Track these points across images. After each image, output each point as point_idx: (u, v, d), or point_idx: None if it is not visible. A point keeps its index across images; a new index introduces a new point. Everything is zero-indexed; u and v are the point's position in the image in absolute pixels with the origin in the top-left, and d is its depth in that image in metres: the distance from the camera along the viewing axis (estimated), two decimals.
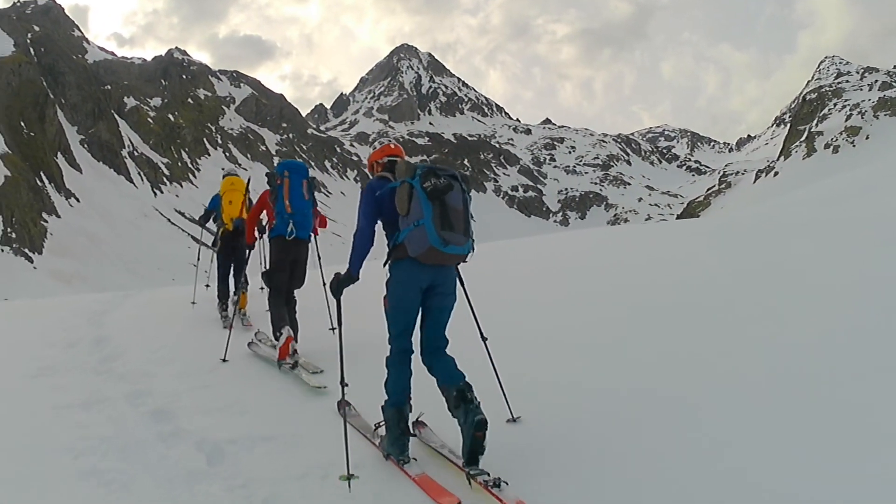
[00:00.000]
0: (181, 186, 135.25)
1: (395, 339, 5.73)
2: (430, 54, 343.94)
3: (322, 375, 7.85)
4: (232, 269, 12.39)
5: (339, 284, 5.83)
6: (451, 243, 5.37)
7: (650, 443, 5.24)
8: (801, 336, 7.06)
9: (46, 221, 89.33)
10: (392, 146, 6.59)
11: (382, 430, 5.77)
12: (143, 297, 15.76)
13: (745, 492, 4.38)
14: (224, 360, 8.71)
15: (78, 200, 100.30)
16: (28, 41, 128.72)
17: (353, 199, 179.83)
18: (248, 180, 12.71)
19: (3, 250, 79.62)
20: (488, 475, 4.88)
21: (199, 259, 15.51)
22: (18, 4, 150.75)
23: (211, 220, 13.21)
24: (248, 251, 10.59)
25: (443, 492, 4.89)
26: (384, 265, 5.90)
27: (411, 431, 5.65)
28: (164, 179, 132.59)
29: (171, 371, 8.22)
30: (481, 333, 6.30)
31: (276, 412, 6.80)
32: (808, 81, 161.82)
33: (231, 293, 12.04)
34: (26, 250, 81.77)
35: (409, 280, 5.63)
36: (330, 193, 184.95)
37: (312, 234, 9.74)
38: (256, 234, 10.30)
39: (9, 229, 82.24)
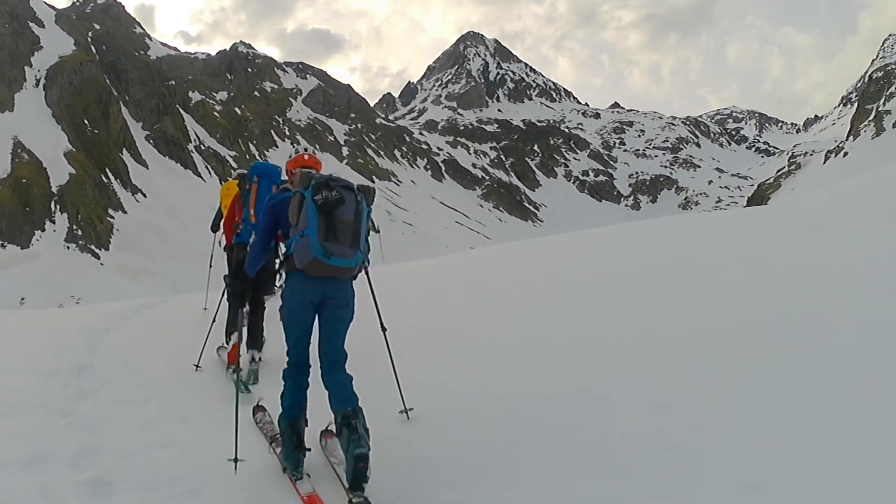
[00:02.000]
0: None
1: (290, 352, 5.78)
2: (496, 41, 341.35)
3: (255, 386, 8.24)
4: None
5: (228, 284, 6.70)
6: (335, 255, 5.38)
7: None
8: None
9: (113, 218, 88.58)
10: (306, 157, 6.48)
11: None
12: (158, 309, 15.00)
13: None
14: (197, 367, 8.88)
15: (144, 196, 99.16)
16: (89, 40, 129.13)
17: (423, 187, 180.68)
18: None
19: (69, 248, 79.14)
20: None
21: (210, 266, 14.24)
22: (78, 4, 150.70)
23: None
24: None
25: None
26: (277, 273, 6.30)
27: (306, 446, 5.61)
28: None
29: (138, 418, 7.47)
30: (381, 325, 6.53)
31: (233, 497, 5.62)
32: (873, 60, 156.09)
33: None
34: (92, 247, 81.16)
35: (299, 293, 5.64)
36: (400, 182, 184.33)
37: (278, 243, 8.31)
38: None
39: (74, 226, 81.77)
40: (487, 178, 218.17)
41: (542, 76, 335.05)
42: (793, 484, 4.40)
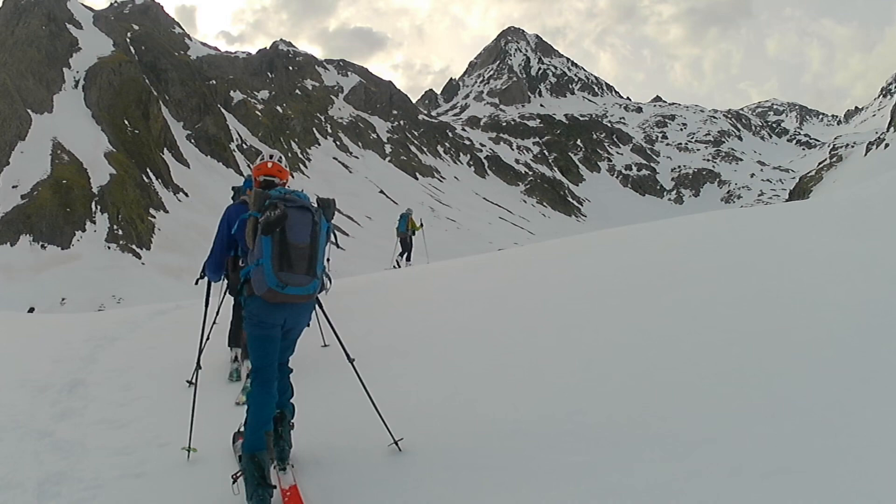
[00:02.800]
0: (292, 177, 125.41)
1: (255, 372, 5.70)
2: (537, 36, 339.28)
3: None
4: None
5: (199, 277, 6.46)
6: (291, 285, 5.34)
7: None
8: None
9: (154, 217, 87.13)
10: (269, 165, 6.29)
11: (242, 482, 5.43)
12: (172, 315, 15.04)
13: None
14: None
15: (186, 195, 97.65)
16: (128, 40, 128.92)
17: (466, 183, 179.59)
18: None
19: (109, 248, 77.60)
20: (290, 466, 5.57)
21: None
22: (115, 5, 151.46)
23: None
24: None
25: None
26: (237, 293, 6.39)
27: (269, 482, 5.27)
28: None
29: (115, 442, 7.06)
30: (347, 356, 6.38)
31: None
32: None
33: None
34: (134, 247, 79.45)
35: (263, 319, 5.60)
36: (444, 179, 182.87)
37: None
38: None
39: (115, 226, 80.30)
40: (531, 173, 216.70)
41: (584, 70, 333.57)
42: None
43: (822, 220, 13.44)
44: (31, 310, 49.01)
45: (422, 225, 29.56)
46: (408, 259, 28.36)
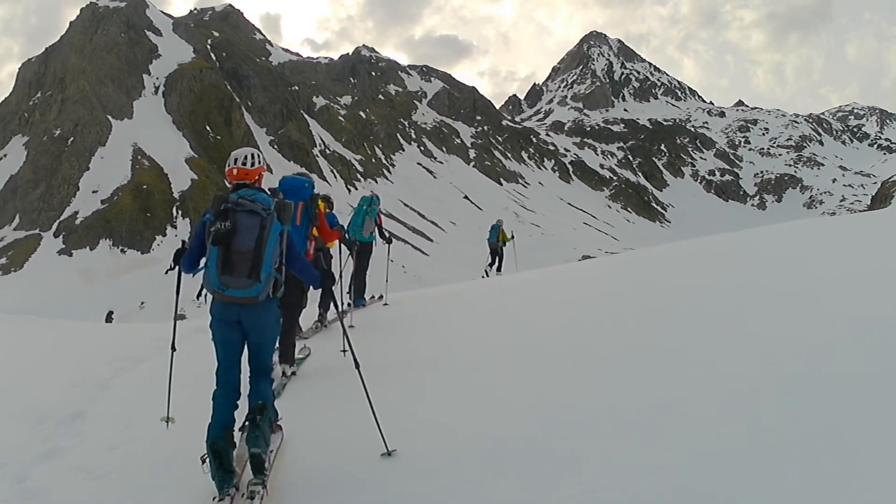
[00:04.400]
0: (376, 182, 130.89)
1: (217, 373, 5.94)
2: (619, 40, 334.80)
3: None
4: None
5: (172, 260, 6.25)
6: (231, 287, 5.55)
7: None
8: None
9: None
10: (234, 171, 6.16)
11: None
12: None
13: None
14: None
15: None
16: (208, 47, 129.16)
17: (550, 189, 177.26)
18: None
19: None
20: (261, 486, 5.39)
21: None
22: (195, 12, 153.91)
23: None
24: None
25: None
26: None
27: (231, 468, 5.61)
28: (359, 176, 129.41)
29: (84, 497, 6.46)
30: (355, 360, 6.62)
31: None
32: None
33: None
34: None
35: (218, 317, 5.85)
36: (528, 184, 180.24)
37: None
38: None
39: None
40: (615, 178, 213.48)
41: (667, 74, 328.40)
42: None
43: None
44: (111, 313, 47.70)
45: (513, 237, 29.97)
46: (498, 269, 28.46)
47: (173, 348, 6.56)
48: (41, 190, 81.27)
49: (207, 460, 5.57)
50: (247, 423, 5.69)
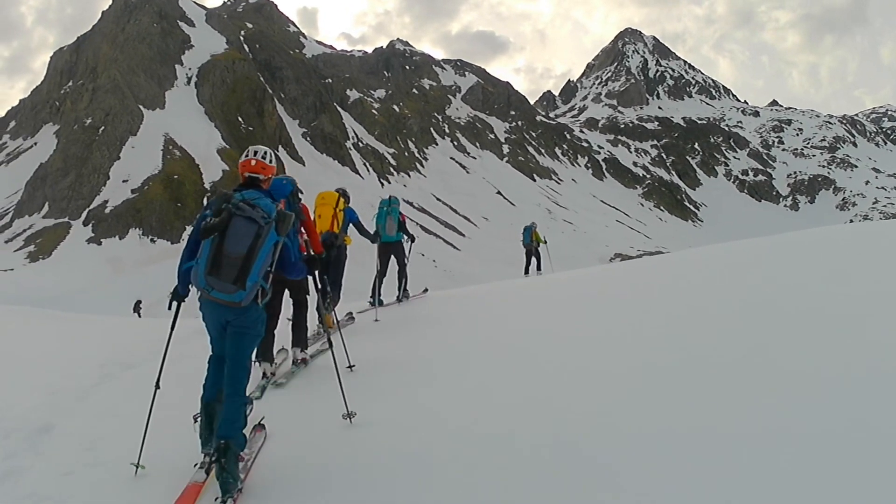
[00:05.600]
0: (409, 176, 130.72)
1: (211, 343, 6.05)
2: (654, 38, 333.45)
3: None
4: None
5: (170, 300, 6.16)
6: (216, 289, 5.54)
7: None
8: None
9: None
10: (252, 163, 6.18)
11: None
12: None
13: None
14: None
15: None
16: (241, 38, 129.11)
17: (583, 185, 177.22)
18: (340, 196, 12.79)
19: None
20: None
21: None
22: (229, 3, 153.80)
23: None
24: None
25: None
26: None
27: (212, 427, 5.79)
28: (391, 169, 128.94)
29: None
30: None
31: None
32: None
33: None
34: None
35: (204, 311, 5.91)
36: (561, 181, 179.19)
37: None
38: None
39: None
40: (648, 176, 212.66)
41: (702, 73, 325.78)
42: None
43: None
44: (139, 302, 47.88)
45: (545, 241, 30.47)
46: (538, 268, 29.13)
47: (157, 385, 6.29)
48: (71, 178, 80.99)
49: (199, 419, 5.87)
50: (213, 462, 5.50)
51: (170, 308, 6.16)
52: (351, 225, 13.00)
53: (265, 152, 6.19)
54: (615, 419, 6.07)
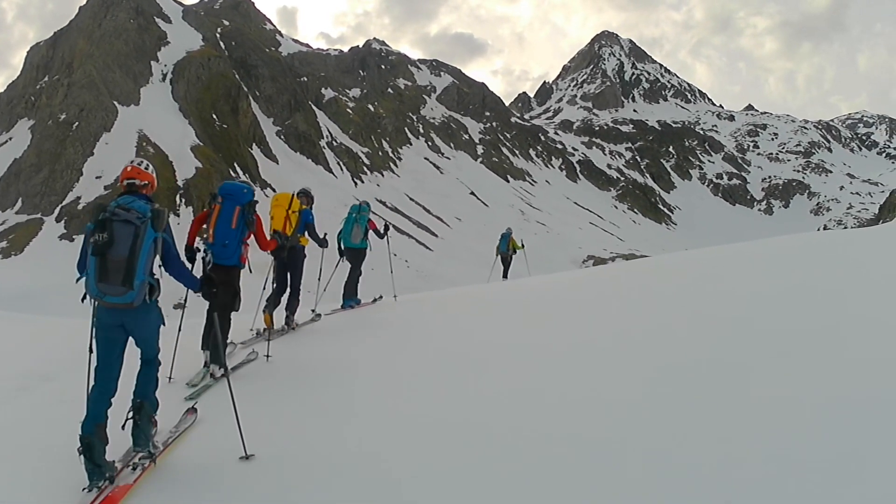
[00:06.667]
0: (382, 176, 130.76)
1: (96, 370, 6.13)
2: (630, 41, 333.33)
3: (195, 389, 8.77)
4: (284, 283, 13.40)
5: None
6: (108, 294, 5.87)
7: None
8: None
9: None
10: (129, 168, 6.55)
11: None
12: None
13: None
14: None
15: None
16: (217, 35, 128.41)
17: (557, 187, 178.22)
18: (296, 198, 13.25)
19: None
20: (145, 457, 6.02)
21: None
22: (206, 0, 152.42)
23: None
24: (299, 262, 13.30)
25: None
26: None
27: (101, 462, 5.74)
28: (365, 169, 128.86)
29: None
30: (225, 366, 7.59)
31: None
32: None
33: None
34: None
35: (102, 320, 6.10)
36: (535, 182, 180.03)
37: (241, 261, 10.03)
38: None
39: None
40: (622, 179, 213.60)
41: (677, 77, 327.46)
42: None
43: None
44: None
45: (523, 245, 30.63)
46: (504, 276, 29.00)
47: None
48: (44, 174, 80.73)
49: (82, 453, 5.76)
50: (128, 420, 6.11)
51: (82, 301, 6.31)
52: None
53: (141, 161, 6.61)
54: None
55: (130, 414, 6.15)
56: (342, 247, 16.03)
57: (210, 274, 8.00)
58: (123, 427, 6.18)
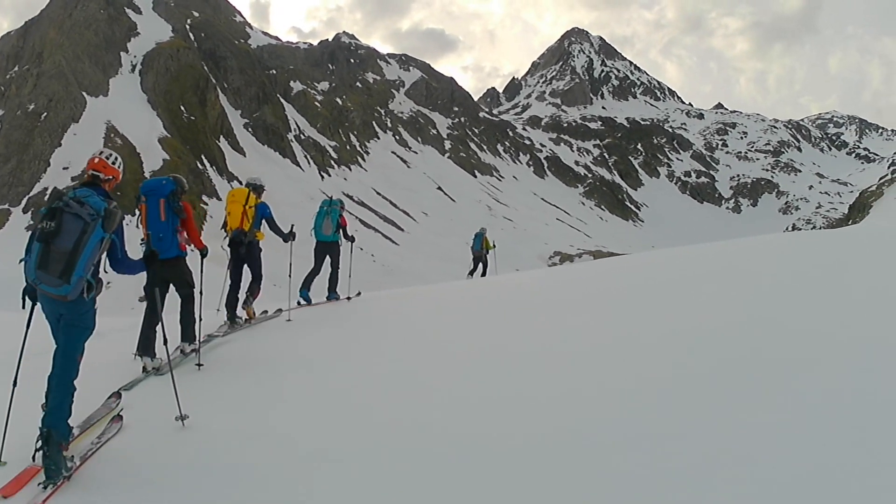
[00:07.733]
0: (349, 170, 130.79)
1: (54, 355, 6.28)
2: (600, 38, 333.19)
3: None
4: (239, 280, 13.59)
5: (22, 297, 6.30)
6: (43, 283, 5.87)
7: None
8: None
9: (206, 204, 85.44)
10: (96, 160, 6.58)
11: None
12: (109, 341, 12.45)
13: None
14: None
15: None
16: (187, 27, 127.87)
17: (524, 183, 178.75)
18: (251, 192, 13.48)
19: None
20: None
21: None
22: None
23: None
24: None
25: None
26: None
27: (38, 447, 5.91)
28: (332, 163, 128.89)
29: None
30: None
31: None
32: None
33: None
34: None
35: (41, 304, 6.18)
36: (502, 178, 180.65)
37: (181, 251, 10.22)
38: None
39: None
40: (590, 176, 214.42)
41: (647, 74, 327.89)
42: None
43: None
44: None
45: (494, 246, 30.66)
46: (482, 274, 29.31)
47: (14, 384, 6.28)
48: (12, 165, 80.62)
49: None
50: (38, 449, 5.79)
51: (24, 307, 6.26)
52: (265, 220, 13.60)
53: (110, 154, 6.71)
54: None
55: (38, 444, 5.82)
56: (317, 239, 16.34)
57: (150, 252, 7.48)
58: (34, 458, 6.02)
